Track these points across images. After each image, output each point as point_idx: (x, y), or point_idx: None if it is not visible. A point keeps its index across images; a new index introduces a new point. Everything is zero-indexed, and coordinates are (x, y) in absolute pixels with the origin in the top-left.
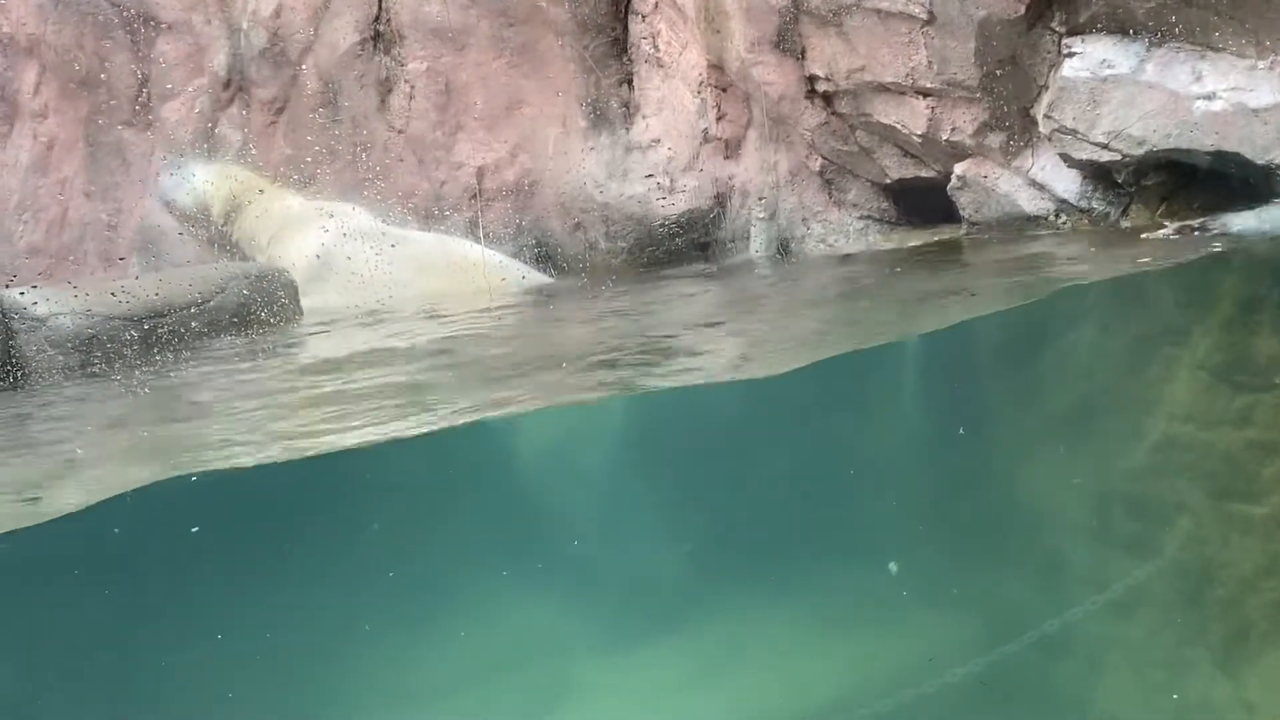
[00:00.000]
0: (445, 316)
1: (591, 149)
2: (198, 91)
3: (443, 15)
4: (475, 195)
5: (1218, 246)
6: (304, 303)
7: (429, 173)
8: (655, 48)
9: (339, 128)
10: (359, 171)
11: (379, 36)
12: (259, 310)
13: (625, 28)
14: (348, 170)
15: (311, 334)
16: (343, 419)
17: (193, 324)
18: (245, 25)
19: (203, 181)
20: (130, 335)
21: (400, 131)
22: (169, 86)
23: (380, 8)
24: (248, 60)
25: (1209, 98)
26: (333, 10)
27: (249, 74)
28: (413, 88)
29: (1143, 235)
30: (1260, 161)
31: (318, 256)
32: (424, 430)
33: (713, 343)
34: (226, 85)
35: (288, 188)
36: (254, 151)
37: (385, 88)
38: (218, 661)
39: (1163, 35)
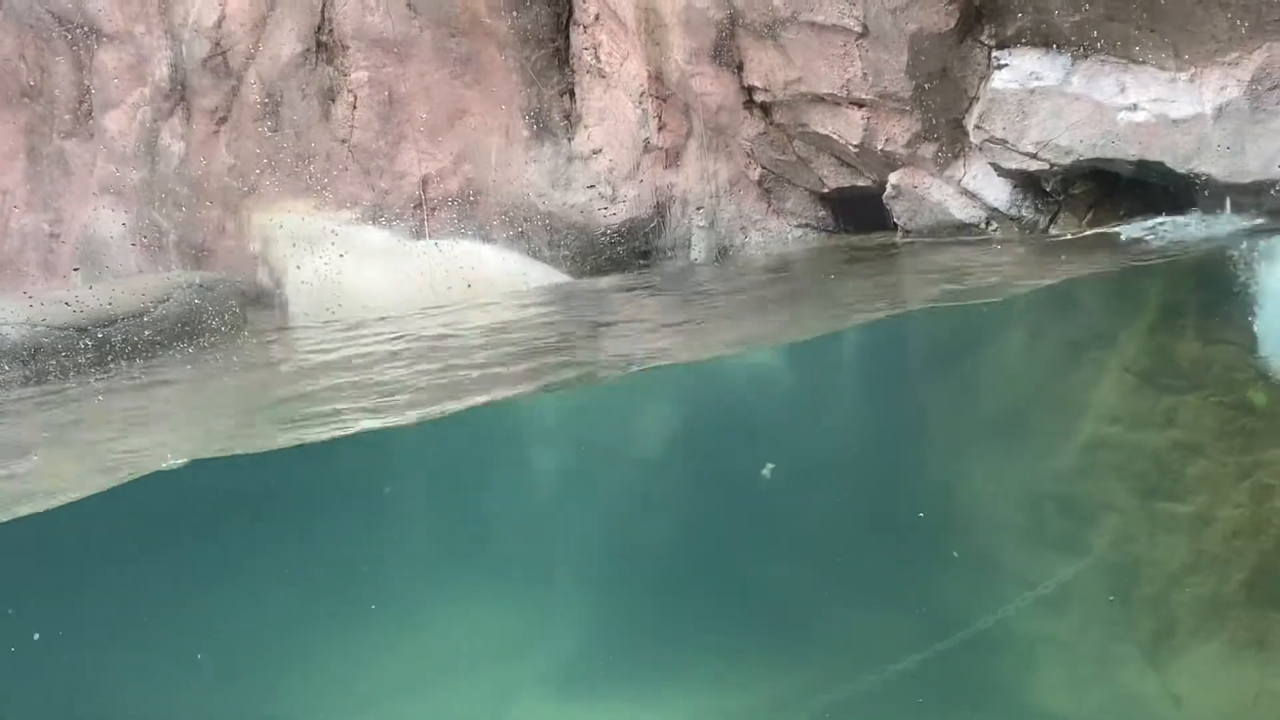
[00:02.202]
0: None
1: (534, 159)
2: (139, 102)
3: (385, 26)
4: (419, 204)
5: (1142, 254)
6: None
7: (373, 182)
8: (596, 59)
9: (282, 137)
10: (302, 181)
11: (321, 46)
12: (209, 319)
13: (567, 39)
14: (290, 180)
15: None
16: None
17: (146, 333)
18: (187, 35)
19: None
20: (83, 344)
21: (343, 141)
22: (110, 97)
23: (323, 18)
24: (190, 70)
25: (1132, 109)
26: (275, 20)
27: (191, 84)
28: (356, 97)
29: (1068, 238)
30: (1181, 170)
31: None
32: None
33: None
34: (168, 95)
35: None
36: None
37: (328, 97)
38: (156, 667)
39: (1088, 48)
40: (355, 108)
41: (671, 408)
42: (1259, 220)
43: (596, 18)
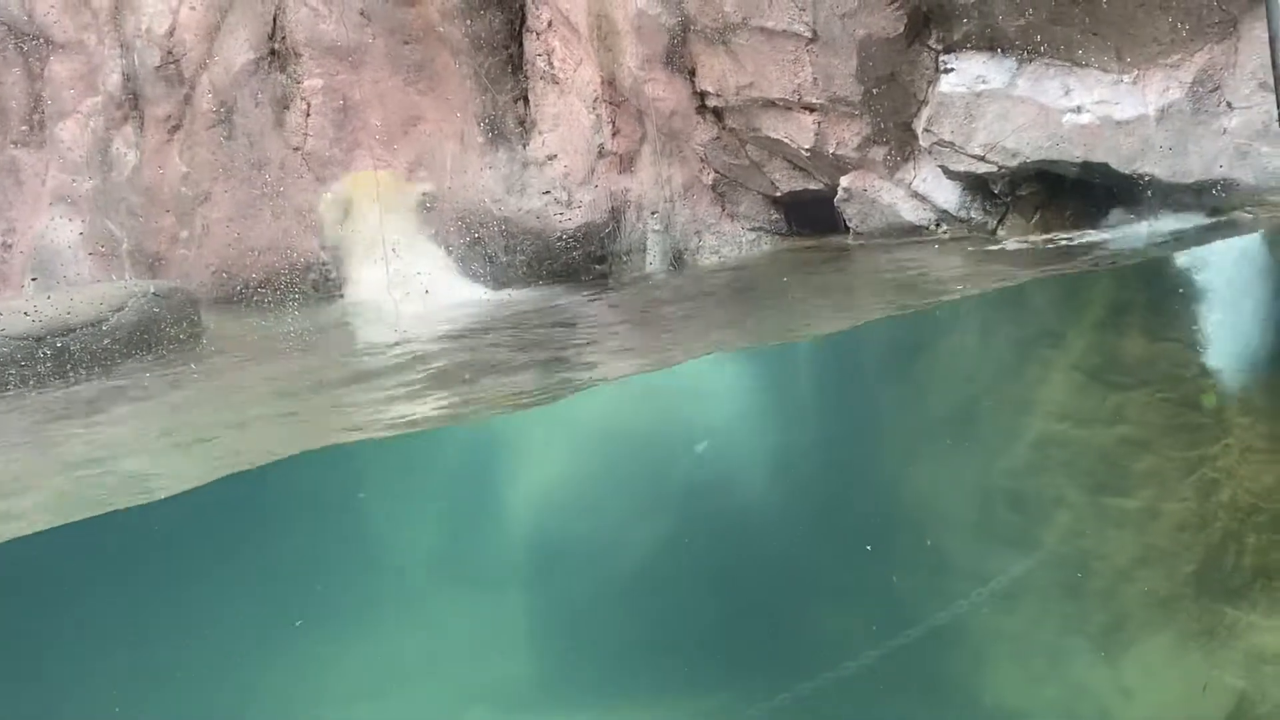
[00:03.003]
0: None
1: (489, 164)
2: (92, 110)
3: (338, 33)
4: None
5: (1087, 255)
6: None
7: (328, 189)
8: (550, 65)
9: (234, 145)
10: (255, 188)
11: (274, 54)
12: (166, 328)
13: (520, 45)
14: (243, 187)
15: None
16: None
17: (104, 342)
18: (139, 44)
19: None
20: (42, 354)
21: (297, 149)
22: (63, 106)
23: (275, 26)
24: (142, 79)
25: (1077, 111)
26: (227, 28)
27: (143, 92)
28: (309, 105)
29: (1015, 243)
30: (1125, 171)
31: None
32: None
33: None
34: (121, 104)
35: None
36: (149, 170)
37: (282, 105)
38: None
39: (1033, 52)
40: (309, 115)
41: (622, 415)
42: (1202, 220)
43: (549, 24)
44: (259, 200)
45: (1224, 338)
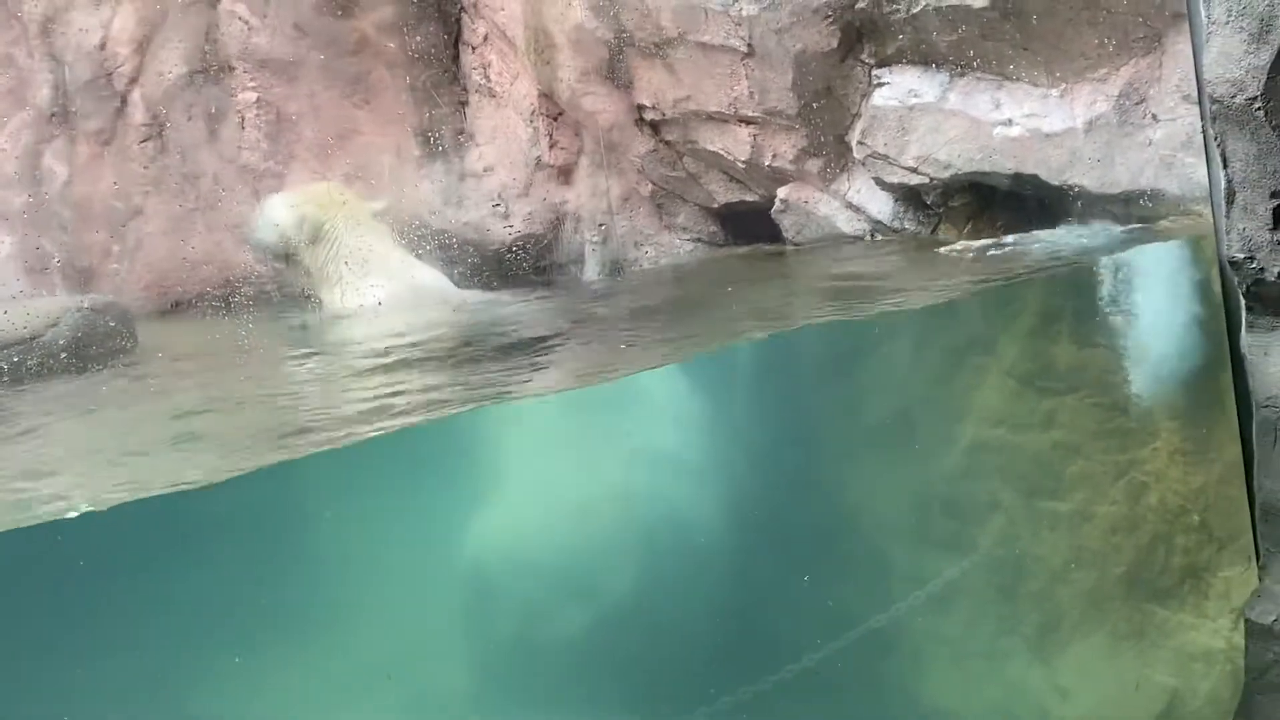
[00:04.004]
0: None
1: (426, 177)
2: (21, 125)
3: (272, 47)
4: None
5: (1018, 264)
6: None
7: (261, 202)
8: (487, 78)
9: (167, 159)
10: (188, 202)
11: (207, 67)
12: (100, 343)
13: (457, 59)
14: (175, 201)
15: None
16: None
17: (37, 357)
18: (70, 58)
19: (283, 210)
20: None
21: (231, 162)
22: None
23: (208, 39)
24: (73, 93)
25: (1007, 124)
26: (159, 42)
27: (74, 106)
28: (244, 118)
29: (945, 251)
30: (1055, 183)
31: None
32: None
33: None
34: (51, 118)
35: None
36: (80, 185)
37: (215, 119)
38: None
39: (964, 66)
40: (243, 128)
41: (552, 425)
42: (1130, 228)
43: (485, 38)
44: (192, 214)
45: (1151, 344)
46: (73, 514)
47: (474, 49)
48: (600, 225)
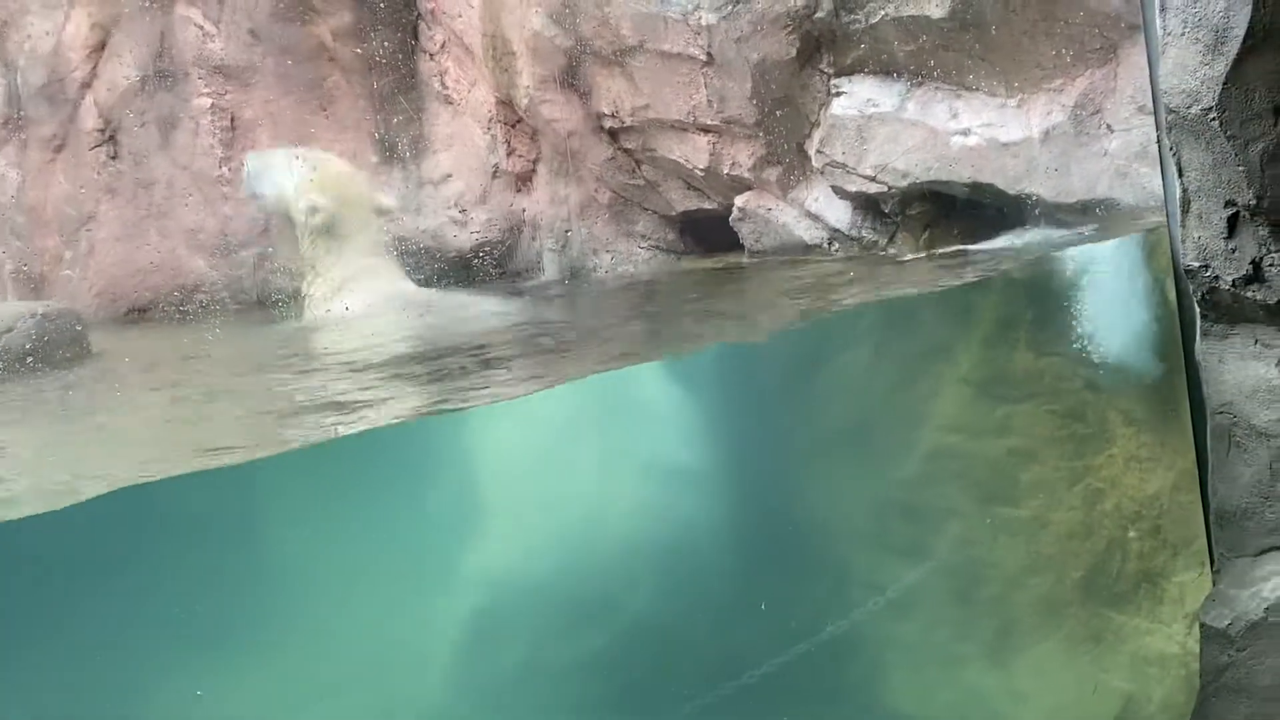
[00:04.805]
0: None
1: (383, 184)
2: None
3: (226, 53)
4: (264, 230)
5: (973, 271)
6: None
7: (215, 209)
8: (444, 85)
9: (121, 165)
10: (140, 209)
11: (161, 73)
12: (54, 349)
13: (414, 66)
14: (129, 207)
15: None
16: None
17: None
18: (22, 62)
19: (287, 174)
20: None
21: (184, 168)
22: None
23: (162, 45)
24: (25, 98)
25: (965, 133)
26: (113, 47)
27: (27, 112)
28: (197, 124)
29: (904, 259)
30: (1011, 192)
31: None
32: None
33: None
34: (3, 124)
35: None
36: (32, 191)
37: (168, 125)
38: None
39: (922, 76)
40: (197, 134)
41: (513, 433)
42: (1084, 232)
43: (443, 45)
44: (145, 220)
45: (1107, 351)
46: None
47: (431, 56)
48: (566, 232)
